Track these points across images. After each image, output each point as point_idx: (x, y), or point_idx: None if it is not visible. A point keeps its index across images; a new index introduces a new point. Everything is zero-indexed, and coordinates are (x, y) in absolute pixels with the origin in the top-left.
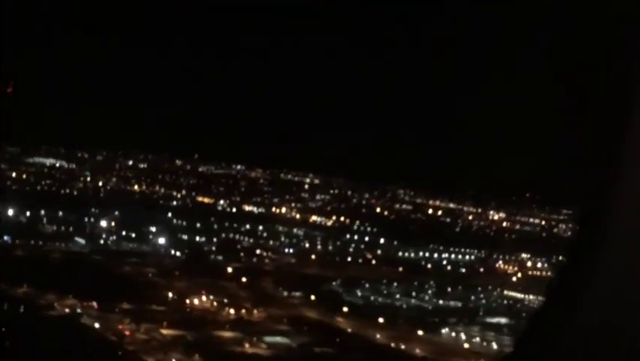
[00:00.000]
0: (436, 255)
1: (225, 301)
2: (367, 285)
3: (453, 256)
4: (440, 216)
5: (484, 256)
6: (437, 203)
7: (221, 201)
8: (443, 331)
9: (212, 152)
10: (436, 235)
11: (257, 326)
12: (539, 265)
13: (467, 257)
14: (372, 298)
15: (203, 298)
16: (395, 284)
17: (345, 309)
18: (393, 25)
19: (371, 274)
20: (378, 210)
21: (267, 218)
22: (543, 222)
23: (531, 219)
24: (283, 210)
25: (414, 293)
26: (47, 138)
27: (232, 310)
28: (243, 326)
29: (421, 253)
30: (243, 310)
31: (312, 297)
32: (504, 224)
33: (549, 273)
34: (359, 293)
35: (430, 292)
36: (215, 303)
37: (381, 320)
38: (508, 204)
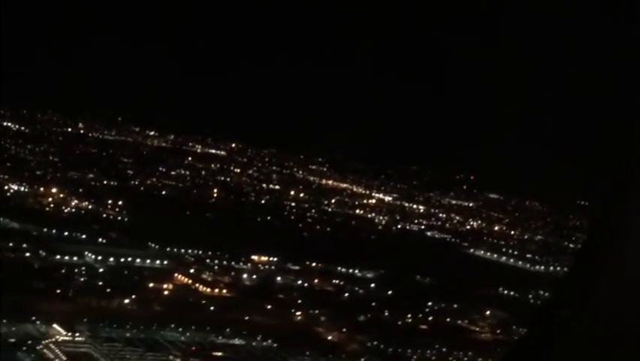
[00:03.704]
0: (130, 259)
1: None
2: None
3: (148, 261)
4: (301, 201)
5: (193, 261)
6: (329, 182)
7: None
8: None
9: (143, 116)
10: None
11: None
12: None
13: (158, 263)
14: None
15: None
16: None
17: None
18: None
19: None
20: (214, 193)
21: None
22: (421, 208)
23: (415, 205)
24: (54, 190)
25: None
26: None
27: None
28: None
29: (112, 259)
30: None
31: None
32: (356, 211)
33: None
34: None
35: None
36: None
37: None
38: (434, 185)
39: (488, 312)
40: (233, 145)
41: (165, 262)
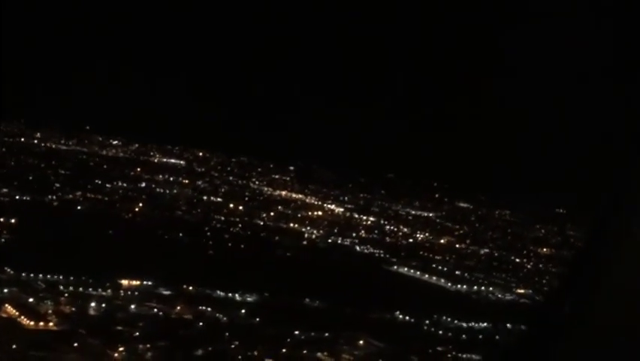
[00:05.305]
0: None
1: None
2: None
3: None
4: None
5: (43, 287)
6: (283, 193)
7: None
8: None
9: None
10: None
11: None
12: None
13: None
14: None
15: None
16: None
17: None
18: None
19: None
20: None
21: None
22: (370, 220)
23: (364, 217)
24: None
25: None
26: None
27: None
28: None
29: None
30: None
31: None
32: (291, 224)
33: None
34: None
35: None
36: None
37: None
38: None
39: (361, 341)
40: (200, 154)
41: (5, 291)
